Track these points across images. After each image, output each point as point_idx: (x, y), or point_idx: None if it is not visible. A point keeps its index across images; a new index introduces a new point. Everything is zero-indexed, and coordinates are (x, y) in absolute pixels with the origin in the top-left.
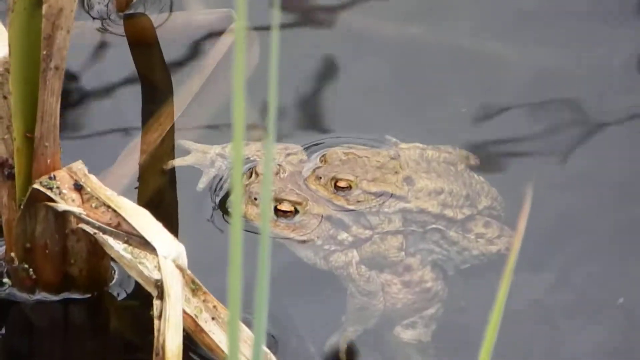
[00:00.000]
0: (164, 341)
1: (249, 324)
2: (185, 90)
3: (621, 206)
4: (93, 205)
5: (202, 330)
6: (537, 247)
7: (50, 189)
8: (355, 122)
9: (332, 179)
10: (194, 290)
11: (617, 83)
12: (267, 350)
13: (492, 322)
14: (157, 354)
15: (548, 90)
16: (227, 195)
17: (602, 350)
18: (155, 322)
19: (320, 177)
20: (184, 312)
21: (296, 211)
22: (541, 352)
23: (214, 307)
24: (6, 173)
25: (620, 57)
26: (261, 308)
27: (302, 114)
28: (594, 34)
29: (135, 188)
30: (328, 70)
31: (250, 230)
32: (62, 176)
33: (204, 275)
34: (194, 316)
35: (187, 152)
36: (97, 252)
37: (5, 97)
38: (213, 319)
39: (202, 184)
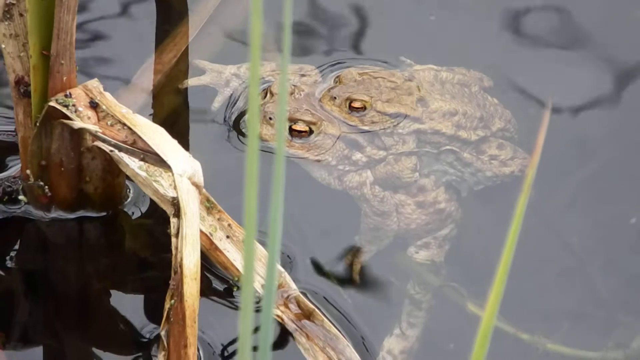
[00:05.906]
0: (181, 259)
1: (262, 243)
2: (201, 9)
3: (637, 129)
4: (108, 122)
5: (216, 248)
6: (550, 168)
7: (66, 106)
8: (372, 42)
9: (347, 99)
10: (209, 208)
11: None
12: (282, 269)
13: (510, 237)
14: (175, 272)
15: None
16: (241, 115)
17: (614, 269)
18: (173, 240)
19: (335, 98)
20: (199, 230)
21: (311, 131)
22: (555, 273)
23: (229, 225)
24: (22, 90)
25: None
26: (275, 226)
27: (317, 34)
28: None
29: (151, 108)
30: None
31: (265, 149)
32: (78, 94)
33: (217, 194)
34: (208, 234)
35: (202, 72)
36: (112, 170)
37: (21, 15)
38: (228, 237)
39: (217, 103)
